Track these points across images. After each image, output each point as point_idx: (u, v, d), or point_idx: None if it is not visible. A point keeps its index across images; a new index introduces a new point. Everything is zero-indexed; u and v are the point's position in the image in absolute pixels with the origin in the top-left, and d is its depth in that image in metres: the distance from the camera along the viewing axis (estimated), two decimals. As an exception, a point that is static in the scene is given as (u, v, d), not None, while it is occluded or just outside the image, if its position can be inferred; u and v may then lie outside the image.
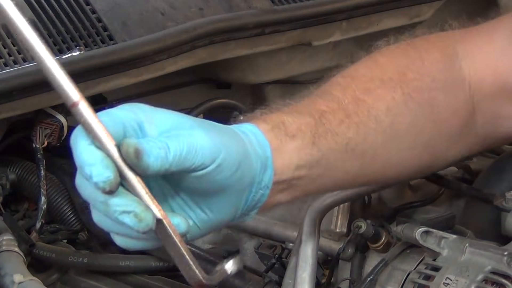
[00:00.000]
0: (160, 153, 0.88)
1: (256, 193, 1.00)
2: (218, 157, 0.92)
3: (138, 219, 0.87)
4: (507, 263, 1.10)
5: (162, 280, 1.53)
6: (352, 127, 1.09)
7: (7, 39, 1.45)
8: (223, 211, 0.97)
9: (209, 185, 0.94)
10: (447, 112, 1.18)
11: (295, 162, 1.03)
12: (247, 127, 1.01)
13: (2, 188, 1.63)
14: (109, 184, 0.85)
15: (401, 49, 1.22)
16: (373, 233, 1.25)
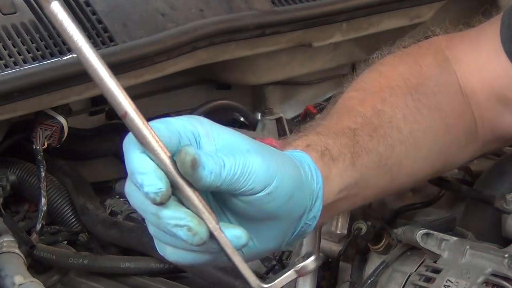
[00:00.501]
0: (216, 168, 0.86)
1: (305, 224, 0.98)
2: (270, 185, 0.90)
3: (192, 233, 0.85)
4: (508, 265, 1.10)
5: (163, 282, 1.53)
6: (381, 141, 1.09)
7: (8, 41, 1.46)
8: (269, 240, 0.95)
9: (257, 212, 0.92)
10: (454, 116, 1.18)
11: (338, 187, 1.03)
12: (301, 156, 0.99)
13: (3, 189, 1.64)
14: (161, 195, 0.83)
15: (397, 57, 1.23)
16: (373, 235, 1.25)
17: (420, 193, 1.43)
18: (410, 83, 1.16)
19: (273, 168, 0.90)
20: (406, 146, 1.12)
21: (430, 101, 1.16)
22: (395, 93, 1.14)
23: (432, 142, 1.16)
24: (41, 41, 1.49)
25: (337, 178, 1.03)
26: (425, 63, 1.20)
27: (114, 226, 1.58)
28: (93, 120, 1.93)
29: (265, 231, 0.95)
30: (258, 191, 0.89)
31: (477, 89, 1.20)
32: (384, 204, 1.43)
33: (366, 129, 1.08)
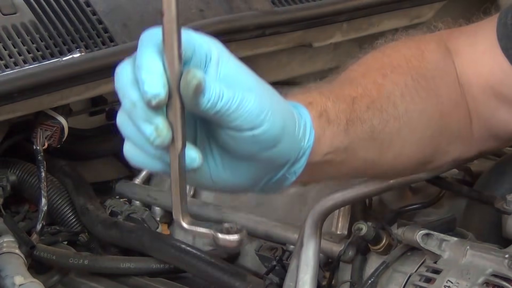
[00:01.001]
0: (213, 98, 0.87)
1: (282, 176, 0.99)
2: (258, 128, 0.91)
3: (157, 132, 0.86)
4: (508, 266, 1.10)
5: (163, 282, 1.53)
6: (376, 114, 1.09)
7: (8, 41, 1.46)
8: (243, 178, 0.96)
9: (238, 149, 0.93)
10: (449, 104, 1.19)
11: (326, 149, 1.03)
12: (302, 111, 1.01)
13: (3, 189, 1.64)
14: (158, 100, 0.85)
15: (401, 42, 1.24)
16: (374, 235, 1.25)
17: (420, 193, 1.43)
18: (411, 64, 1.17)
19: (266, 112, 0.91)
20: (400, 123, 1.12)
21: (428, 84, 1.17)
22: (396, 72, 1.15)
23: (425, 126, 1.16)
24: (41, 42, 1.49)
25: (327, 140, 1.03)
26: (427, 48, 1.21)
27: (114, 227, 1.58)
28: (93, 120, 1.93)
29: (242, 169, 0.96)
30: (244, 130, 0.90)
31: (473, 82, 1.21)
32: (384, 205, 1.43)
33: (365, 100, 1.09)
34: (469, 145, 1.24)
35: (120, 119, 0.91)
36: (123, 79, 0.88)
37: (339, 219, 1.37)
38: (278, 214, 1.54)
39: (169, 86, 0.86)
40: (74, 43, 1.52)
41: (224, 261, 1.46)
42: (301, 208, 1.53)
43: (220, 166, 0.95)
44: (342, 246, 1.32)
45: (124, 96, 0.88)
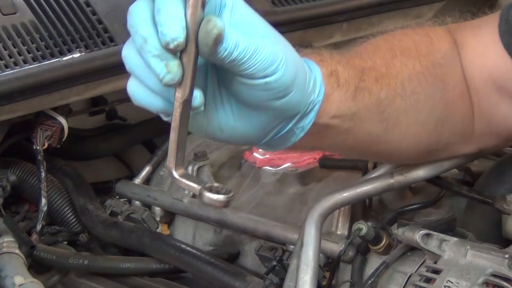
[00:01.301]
0: (230, 47, 0.88)
1: (290, 129, 1.00)
2: (271, 75, 0.92)
3: (167, 69, 0.86)
4: (508, 266, 1.09)
5: (163, 282, 1.53)
6: (384, 88, 1.10)
7: (8, 41, 1.46)
8: (251, 128, 0.97)
9: (249, 96, 0.93)
10: (454, 93, 1.19)
11: (333, 111, 1.04)
12: (312, 66, 1.01)
13: (3, 189, 1.64)
14: (176, 44, 0.85)
15: (410, 28, 1.25)
16: (374, 235, 1.25)
17: (420, 193, 1.43)
18: (420, 49, 1.18)
19: (280, 61, 0.92)
20: (406, 104, 1.13)
21: (436, 71, 1.17)
22: (405, 54, 1.16)
23: (431, 111, 1.17)
24: (41, 42, 1.49)
25: (335, 103, 1.04)
26: (436, 36, 1.22)
27: (114, 227, 1.58)
28: (93, 120, 1.93)
29: (252, 117, 0.96)
30: (257, 77, 0.91)
31: (476, 75, 1.21)
32: (384, 205, 1.43)
33: (374, 73, 1.09)
34: (470, 141, 1.24)
35: (127, 53, 0.91)
36: (138, 17, 0.88)
37: (339, 219, 1.37)
38: (278, 214, 1.54)
39: (188, 32, 0.86)
40: (74, 43, 1.52)
41: (224, 261, 1.46)
42: (301, 208, 1.53)
43: (230, 114, 0.96)
44: (342, 246, 1.32)
45: (136, 33, 0.88)
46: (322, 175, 1.57)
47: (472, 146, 1.26)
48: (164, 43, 0.85)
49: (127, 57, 0.91)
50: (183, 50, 0.87)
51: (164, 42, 0.85)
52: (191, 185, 0.91)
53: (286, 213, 1.54)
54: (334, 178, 1.55)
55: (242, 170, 1.69)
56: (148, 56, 0.87)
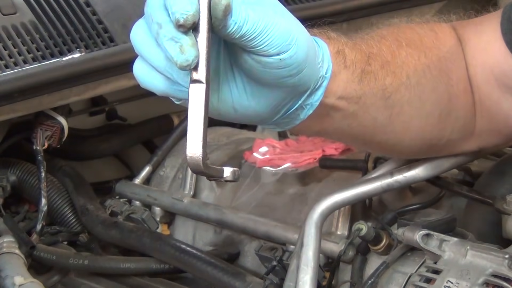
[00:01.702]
0: (240, 21, 0.88)
1: (300, 106, 1.01)
2: (285, 52, 0.92)
3: (182, 50, 0.85)
4: (508, 266, 1.09)
5: (163, 282, 1.53)
6: (389, 75, 1.10)
7: (8, 41, 1.46)
8: (263, 105, 0.97)
9: (263, 74, 0.94)
10: (459, 88, 1.20)
11: (340, 92, 1.04)
12: (321, 43, 1.01)
13: (3, 190, 1.64)
14: (185, 17, 0.84)
15: (415, 23, 1.24)
16: (374, 235, 1.25)
17: (420, 193, 1.43)
18: (425, 42, 1.18)
19: (294, 38, 0.92)
20: (411, 94, 1.13)
21: (440, 64, 1.18)
22: (411, 46, 1.16)
23: (434, 104, 1.17)
24: (41, 42, 1.49)
25: (342, 83, 1.04)
26: (441, 31, 1.22)
27: (114, 227, 1.58)
28: (93, 120, 1.93)
29: (265, 96, 0.97)
30: (271, 54, 0.91)
31: (478, 71, 1.21)
32: (384, 205, 1.43)
33: (379, 59, 1.10)
34: (471, 138, 1.25)
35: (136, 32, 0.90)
36: (153, 5, 0.88)
37: (339, 219, 1.37)
38: (278, 214, 1.54)
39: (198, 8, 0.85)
40: (74, 43, 1.52)
41: (224, 261, 1.46)
42: (301, 208, 1.52)
43: (243, 93, 0.96)
44: (342, 246, 1.32)
45: (152, 21, 0.87)
46: (322, 175, 1.57)
47: (473, 144, 1.26)
48: (176, 21, 0.85)
49: (135, 37, 0.91)
50: (196, 30, 0.86)
51: (175, 21, 0.85)
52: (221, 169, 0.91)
53: (286, 213, 1.54)
54: (334, 178, 1.55)
55: (242, 170, 1.69)
56: (163, 41, 0.86)
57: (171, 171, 1.75)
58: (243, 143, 1.77)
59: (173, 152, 1.78)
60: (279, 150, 1.68)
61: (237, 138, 1.81)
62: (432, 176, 1.29)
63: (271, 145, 1.69)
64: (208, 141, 1.77)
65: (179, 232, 1.66)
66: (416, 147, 1.22)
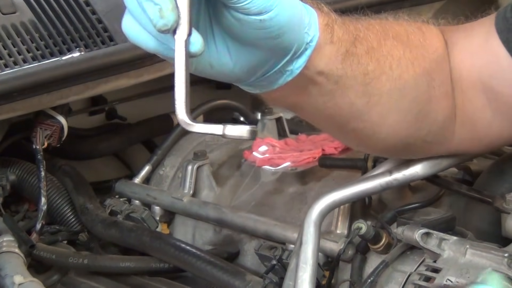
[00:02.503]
0: None
1: (279, 70, 1.00)
2: (266, 12, 0.91)
3: (161, 14, 0.84)
4: (508, 265, 1.09)
5: (163, 282, 1.53)
6: (373, 61, 1.09)
7: (7, 40, 1.46)
8: (241, 64, 0.96)
9: (243, 33, 0.92)
10: (440, 91, 1.19)
11: (321, 66, 1.03)
12: (311, 12, 1.00)
13: (2, 189, 1.64)
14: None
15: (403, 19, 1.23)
16: (373, 234, 1.25)
17: (419, 192, 1.43)
18: (411, 40, 1.17)
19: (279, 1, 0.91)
20: (391, 86, 1.12)
21: (425, 64, 1.17)
22: (397, 39, 1.15)
23: (413, 102, 1.16)
24: (41, 41, 1.49)
25: (325, 58, 1.03)
26: (428, 31, 1.22)
27: (114, 226, 1.59)
28: (93, 120, 1.93)
29: (243, 55, 0.95)
30: (251, 13, 0.90)
31: (465, 75, 1.21)
32: (384, 204, 1.43)
33: (365, 43, 1.09)
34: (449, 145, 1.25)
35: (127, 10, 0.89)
36: None
37: (339, 218, 1.37)
38: (277, 213, 1.54)
39: None
40: (74, 42, 1.52)
41: (223, 260, 1.46)
42: (301, 207, 1.52)
43: (220, 49, 0.95)
44: (342, 245, 1.32)
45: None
46: (322, 174, 1.57)
47: (450, 151, 1.26)
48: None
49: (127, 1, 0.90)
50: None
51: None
52: (212, 126, 0.88)
53: (285, 212, 1.54)
54: (333, 177, 1.55)
55: (241, 169, 1.69)
56: (142, 2, 0.85)
57: (171, 170, 1.75)
58: (242, 142, 1.77)
59: (173, 152, 1.78)
60: (279, 149, 1.68)
61: (237, 138, 1.81)
62: (431, 174, 1.29)
63: (270, 144, 1.69)
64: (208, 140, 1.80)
65: (178, 231, 1.66)
66: (391, 143, 1.21)
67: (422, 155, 1.26)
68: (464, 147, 1.26)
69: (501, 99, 1.20)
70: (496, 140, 1.25)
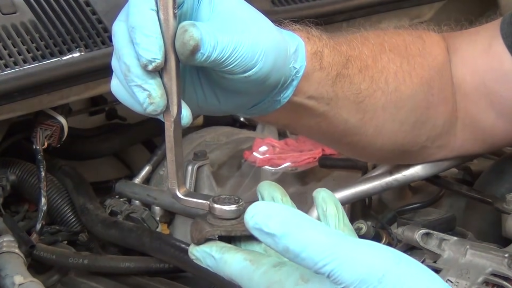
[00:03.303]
0: (208, 50, 0.86)
1: (267, 101, 1.01)
2: (250, 70, 0.91)
3: (150, 101, 0.85)
4: (508, 265, 1.09)
5: (163, 282, 1.53)
6: (366, 80, 1.10)
7: (7, 40, 1.45)
8: (229, 106, 0.97)
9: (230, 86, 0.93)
10: (439, 97, 1.19)
11: (311, 92, 1.04)
12: (299, 41, 1.00)
13: (3, 189, 1.64)
14: (154, 65, 0.83)
15: (403, 28, 1.24)
16: (373, 234, 1.25)
17: (420, 192, 1.43)
18: (410, 49, 1.18)
19: (261, 53, 0.91)
20: (387, 99, 1.13)
21: (423, 73, 1.17)
22: (394, 52, 1.16)
23: (411, 111, 1.17)
24: (41, 41, 1.49)
25: (315, 84, 1.04)
26: (429, 39, 1.22)
27: (114, 226, 1.58)
28: (93, 120, 1.93)
29: (232, 98, 0.96)
30: (237, 73, 0.90)
31: (468, 79, 1.21)
32: (384, 204, 1.43)
33: (358, 63, 1.09)
34: (450, 148, 1.25)
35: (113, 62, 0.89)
36: (118, 39, 0.87)
37: (339, 218, 1.37)
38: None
39: (165, 47, 0.84)
40: (74, 42, 1.52)
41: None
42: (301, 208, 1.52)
43: (208, 95, 0.95)
44: (342, 245, 1.32)
45: (120, 59, 0.87)
46: (322, 175, 1.57)
47: (452, 153, 1.26)
48: (143, 64, 0.83)
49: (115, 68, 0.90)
50: (163, 69, 0.85)
51: (142, 64, 0.83)
52: (199, 202, 0.89)
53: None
54: (333, 177, 1.55)
55: (241, 169, 1.69)
56: (131, 85, 0.85)
57: (171, 170, 1.75)
58: (243, 143, 1.77)
59: (173, 152, 1.78)
60: (279, 149, 1.68)
61: (237, 138, 1.81)
62: (431, 174, 1.30)
63: (271, 145, 1.69)
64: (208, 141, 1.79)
65: (179, 232, 1.66)
66: (388, 151, 1.21)
67: (422, 160, 1.26)
68: (467, 148, 1.26)
69: (505, 102, 1.20)
70: (500, 140, 1.26)
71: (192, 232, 0.87)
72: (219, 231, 0.86)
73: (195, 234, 0.87)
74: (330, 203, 0.86)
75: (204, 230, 0.86)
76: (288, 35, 1.00)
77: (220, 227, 0.86)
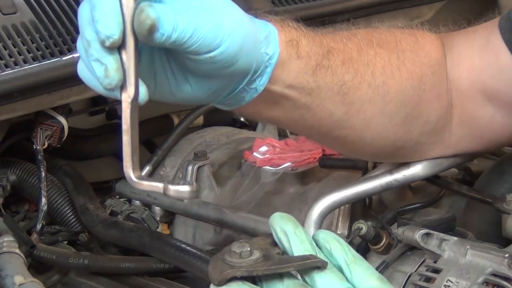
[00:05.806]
0: (168, 31, 0.88)
1: (243, 89, 1.01)
2: (215, 50, 0.92)
3: (106, 74, 0.87)
4: (508, 265, 1.09)
5: (163, 282, 1.53)
6: (350, 72, 1.10)
7: (8, 40, 1.45)
8: (201, 92, 0.98)
9: (197, 69, 0.95)
10: (432, 93, 1.19)
11: (290, 81, 1.04)
12: (271, 29, 1.01)
13: (3, 189, 1.64)
14: (111, 41, 0.85)
15: (396, 27, 1.24)
16: (373, 235, 1.25)
17: (420, 193, 1.43)
18: (400, 45, 1.18)
19: (225, 33, 0.92)
20: (374, 93, 1.13)
21: (414, 68, 1.17)
22: (383, 46, 1.16)
23: (401, 105, 1.17)
24: (41, 41, 1.49)
25: (293, 72, 1.04)
26: (422, 36, 1.22)
27: (114, 226, 1.59)
28: (93, 120, 1.93)
29: (202, 84, 0.97)
30: (201, 53, 0.92)
31: (464, 75, 1.21)
32: (384, 204, 1.43)
33: (342, 55, 1.09)
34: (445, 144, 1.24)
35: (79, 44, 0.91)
36: (81, 18, 0.89)
37: (339, 218, 1.37)
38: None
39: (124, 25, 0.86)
40: (74, 42, 1.52)
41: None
42: (301, 207, 1.52)
43: (180, 80, 0.97)
44: (342, 245, 1.32)
45: (82, 35, 0.89)
46: (322, 175, 1.57)
47: (448, 150, 1.26)
48: (101, 41, 0.86)
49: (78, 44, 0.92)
50: (121, 47, 0.87)
51: (100, 40, 0.86)
52: (153, 184, 0.90)
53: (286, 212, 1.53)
54: (334, 177, 1.55)
55: (242, 169, 1.69)
56: (91, 60, 0.88)
57: (171, 170, 1.75)
58: (243, 143, 1.77)
59: (173, 152, 1.78)
60: (279, 149, 1.68)
61: (237, 138, 1.81)
62: (431, 175, 1.29)
63: (271, 145, 1.69)
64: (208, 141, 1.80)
65: (179, 232, 1.66)
66: (379, 147, 1.21)
67: (418, 158, 1.26)
68: (464, 145, 1.26)
69: (502, 96, 1.20)
70: (498, 136, 1.25)
71: (212, 273, 0.87)
72: (240, 271, 0.85)
73: (215, 275, 0.87)
74: (333, 241, 0.86)
75: (225, 271, 0.86)
76: (260, 23, 1.01)
77: (241, 267, 0.85)
